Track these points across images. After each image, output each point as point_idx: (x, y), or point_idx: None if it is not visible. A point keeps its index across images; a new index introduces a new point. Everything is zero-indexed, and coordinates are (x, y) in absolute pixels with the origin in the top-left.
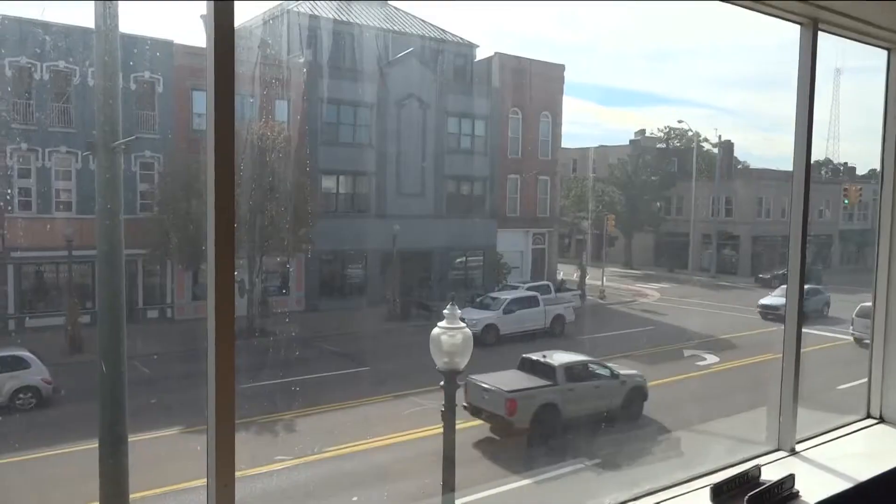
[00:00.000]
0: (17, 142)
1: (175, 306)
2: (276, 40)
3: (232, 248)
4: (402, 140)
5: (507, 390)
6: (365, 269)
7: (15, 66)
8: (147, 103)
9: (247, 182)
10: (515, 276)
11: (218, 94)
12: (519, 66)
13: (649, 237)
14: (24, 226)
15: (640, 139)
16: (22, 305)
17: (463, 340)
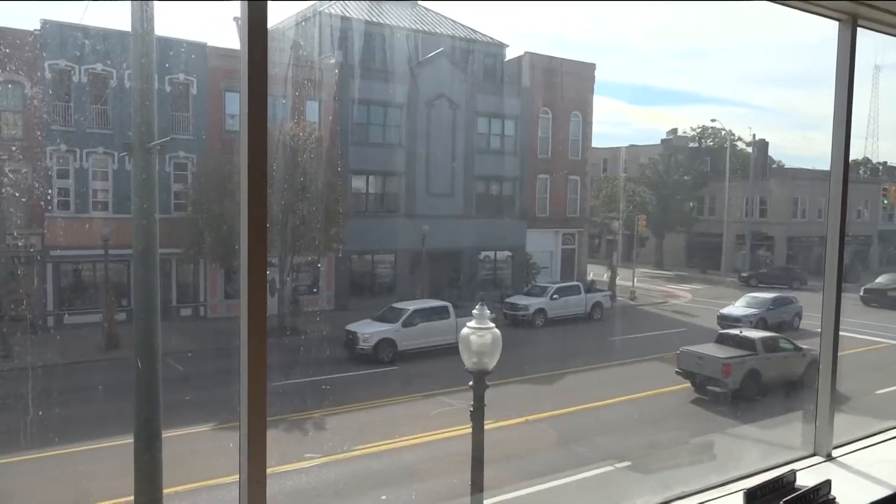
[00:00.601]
0: (57, 143)
1: (208, 305)
2: (308, 41)
3: (264, 248)
4: (431, 140)
5: (723, 357)
6: (394, 268)
7: (55, 68)
8: (181, 105)
9: (279, 182)
10: (545, 276)
11: (251, 94)
12: (549, 66)
13: (681, 238)
14: (62, 225)
15: (671, 138)
16: (61, 303)
17: (492, 340)
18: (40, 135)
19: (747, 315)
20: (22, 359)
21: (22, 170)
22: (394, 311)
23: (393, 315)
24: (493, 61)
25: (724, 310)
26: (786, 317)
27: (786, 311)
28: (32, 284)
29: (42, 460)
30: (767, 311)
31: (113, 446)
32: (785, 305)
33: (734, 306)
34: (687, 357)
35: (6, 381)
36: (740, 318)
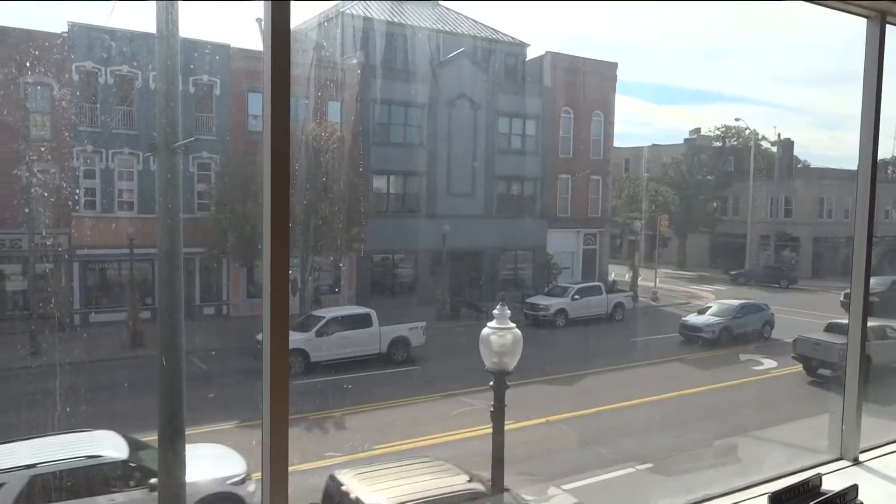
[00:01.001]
0: (84, 144)
1: (230, 304)
2: (330, 42)
3: (287, 248)
4: (452, 140)
5: (838, 343)
6: (415, 268)
7: (82, 70)
8: (205, 105)
9: (301, 182)
10: (566, 276)
11: (274, 94)
12: (571, 65)
13: (704, 238)
14: (88, 225)
15: (695, 138)
16: (87, 301)
17: (513, 341)
18: (68, 135)
19: (709, 325)
20: (50, 356)
21: (50, 170)
22: (312, 319)
23: (310, 323)
24: (515, 61)
25: (687, 318)
26: (752, 326)
27: (753, 320)
28: (60, 283)
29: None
30: (732, 319)
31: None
32: (753, 313)
33: (696, 315)
34: (803, 343)
35: (35, 378)
36: (701, 328)
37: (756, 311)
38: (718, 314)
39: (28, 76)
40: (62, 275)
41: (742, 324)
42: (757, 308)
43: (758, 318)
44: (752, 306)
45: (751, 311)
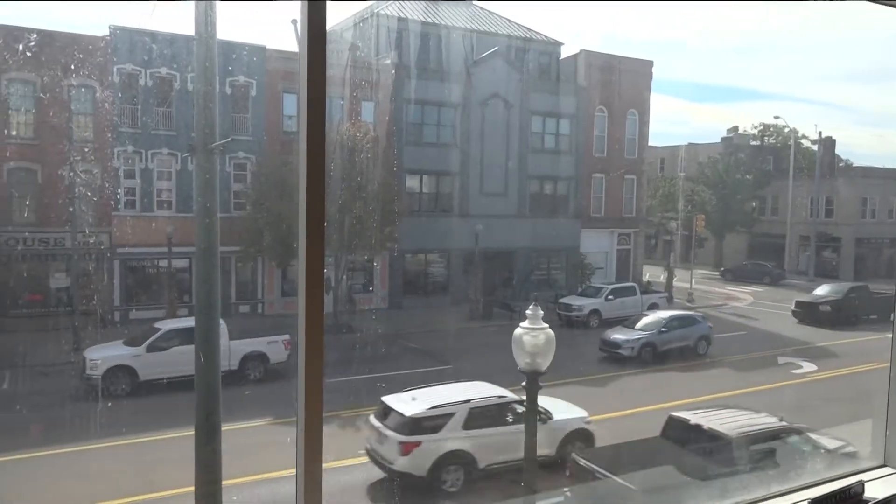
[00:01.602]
0: (125, 144)
1: (265, 302)
2: (365, 42)
3: (322, 247)
4: (485, 139)
5: None
6: (447, 268)
7: (123, 72)
8: (241, 106)
9: (336, 182)
10: (599, 276)
11: (310, 95)
12: (605, 64)
13: (741, 238)
14: (128, 223)
15: (732, 136)
16: (127, 298)
17: (545, 341)
18: (110, 136)
19: (629, 340)
20: None
21: (93, 170)
22: (149, 331)
23: (143, 336)
24: (548, 60)
25: (608, 332)
26: (683, 342)
27: (684, 335)
28: (102, 281)
29: (111, 449)
30: (658, 334)
31: (175, 438)
32: (685, 328)
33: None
34: None
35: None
36: (620, 345)
37: (689, 325)
38: (645, 328)
39: (73, 79)
40: (104, 272)
41: (669, 339)
42: (690, 321)
43: (691, 333)
44: (683, 319)
45: (683, 324)
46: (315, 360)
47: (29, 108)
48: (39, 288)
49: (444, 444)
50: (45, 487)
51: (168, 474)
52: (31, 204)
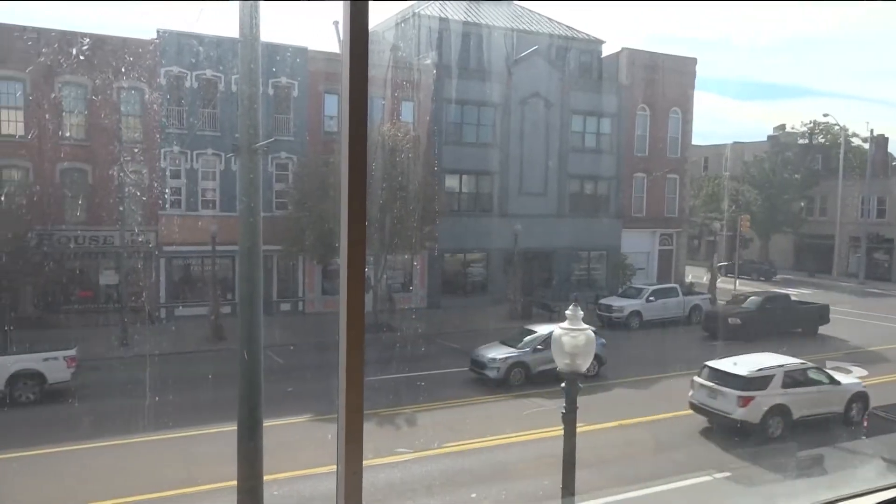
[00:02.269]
0: (172, 145)
1: (306, 300)
2: (406, 42)
3: (363, 246)
4: (525, 139)
5: None
6: (486, 267)
7: (170, 75)
8: (283, 107)
9: (377, 182)
10: (641, 277)
11: (352, 95)
12: (647, 61)
13: (788, 239)
14: (174, 223)
15: (779, 135)
16: (172, 296)
17: (585, 342)
18: (158, 137)
19: (495, 360)
20: (140, 347)
21: (141, 170)
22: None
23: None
24: (590, 58)
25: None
26: None
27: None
28: (150, 278)
29: (157, 443)
30: (532, 353)
31: (218, 433)
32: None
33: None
34: None
35: (127, 368)
36: (486, 364)
37: None
38: (523, 346)
39: (123, 81)
40: (151, 270)
41: (546, 358)
42: None
43: None
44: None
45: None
46: (356, 359)
47: (81, 111)
48: (90, 285)
49: (770, 399)
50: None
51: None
52: (82, 203)
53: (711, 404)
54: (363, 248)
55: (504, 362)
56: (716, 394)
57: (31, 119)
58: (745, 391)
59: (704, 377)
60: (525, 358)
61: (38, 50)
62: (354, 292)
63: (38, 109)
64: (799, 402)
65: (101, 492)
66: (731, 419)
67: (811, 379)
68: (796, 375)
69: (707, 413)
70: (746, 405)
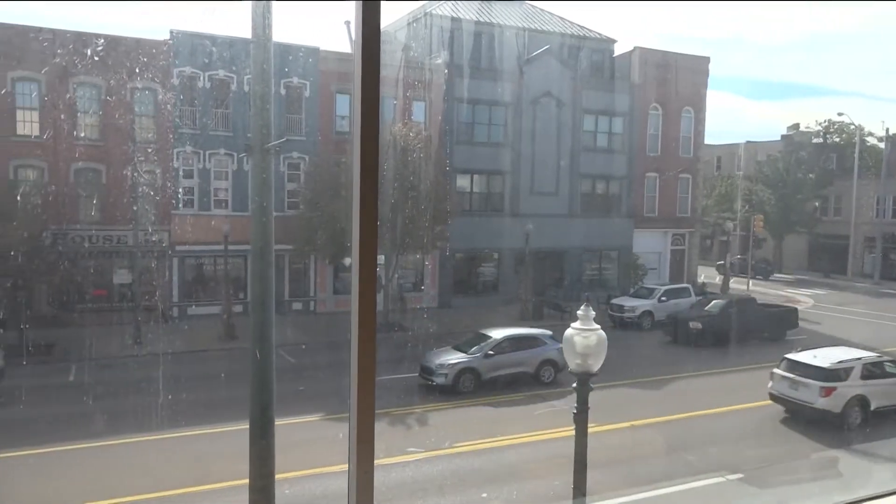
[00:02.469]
0: (184, 145)
1: (317, 300)
2: (417, 42)
3: (375, 246)
4: (537, 138)
5: None
6: (497, 267)
7: (182, 75)
8: (295, 107)
9: (388, 181)
10: (652, 277)
11: (364, 95)
12: (660, 60)
13: (802, 239)
14: (187, 222)
15: (793, 134)
16: (185, 295)
17: (597, 342)
18: (171, 137)
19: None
20: (154, 346)
21: (155, 170)
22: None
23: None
24: (601, 57)
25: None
26: (518, 367)
27: (520, 360)
28: (163, 277)
29: (169, 440)
30: (483, 358)
31: (229, 431)
32: (522, 350)
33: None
34: None
35: (141, 366)
36: (433, 371)
37: (529, 347)
38: (476, 350)
39: (137, 82)
40: (165, 269)
41: (497, 364)
42: (530, 342)
43: (530, 357)
44: (521, 339)
45: (519, 346)
46: (367, 358)
47: (95, 111)
48: (104, 284)
49: (850, 390)
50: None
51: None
52: (96, 203)
53: (793, 395)
54: (375, 247)
55: (452, 368)
56: (797, 385)
57: (47, 119)
58: (827, 382)
59: (784, 369)
60: (475, 364)
61: (53, 51)
62: (366, 292)
63: (53, 110)
64: (876, 392)
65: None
66: (812, 409)
67: (887, 372)
68: (874, 368)
69: (787, 403)
70: (829, 395)
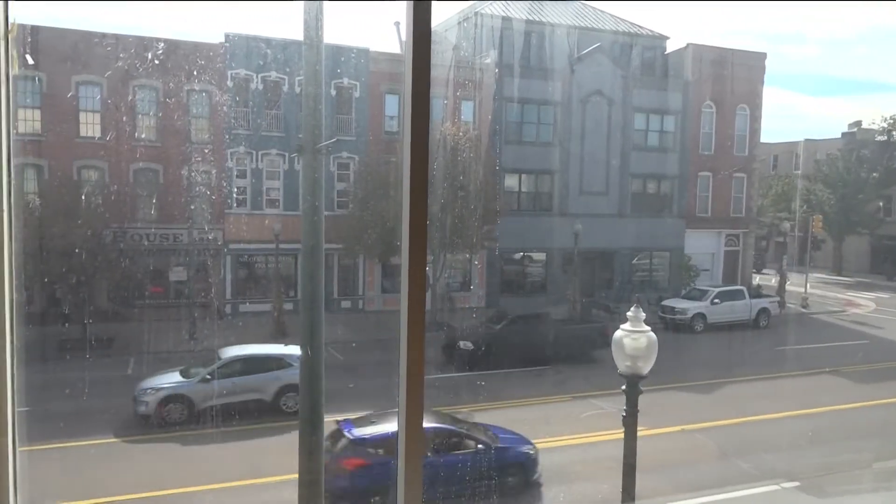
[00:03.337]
0: (238, 146)
1: (365, 298)
2: (468, 42)
3: (424, 245)
4: (586, 137)
5: None
6: (545, 267)
7: (236, 77)
8: (345, 107)
9: (438, 181)
10: (705, 279)
11: (415, 95)
12: (714, 57)
13: (864, 241)
14: (240, 221)
15: (855, 131)
16: (237, 292)
17: (647, 344)
18: (228, 138)
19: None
20: (209, 341)
21: (211, 171)
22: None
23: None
24: (653, 55)
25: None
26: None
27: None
28: (217, 275)
29: (225, 434)
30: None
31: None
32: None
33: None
34: None
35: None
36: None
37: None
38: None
39: (194, 84)
40: (219, 267)
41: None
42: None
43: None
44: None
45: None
46: (416, 356)
47: (154, 113)
48: (161, 281)
49: None
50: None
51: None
52: (154, 202)
53: None
54: (424, 247)
55: (155, 395)
56: None
57: (108, 121)
58: None
59: None
60: (186, 390)
61: (116, 55)
62: (415, 291)
63: (115, 112)
64: None
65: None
66: None
67: None
68: None
69: None
70: None
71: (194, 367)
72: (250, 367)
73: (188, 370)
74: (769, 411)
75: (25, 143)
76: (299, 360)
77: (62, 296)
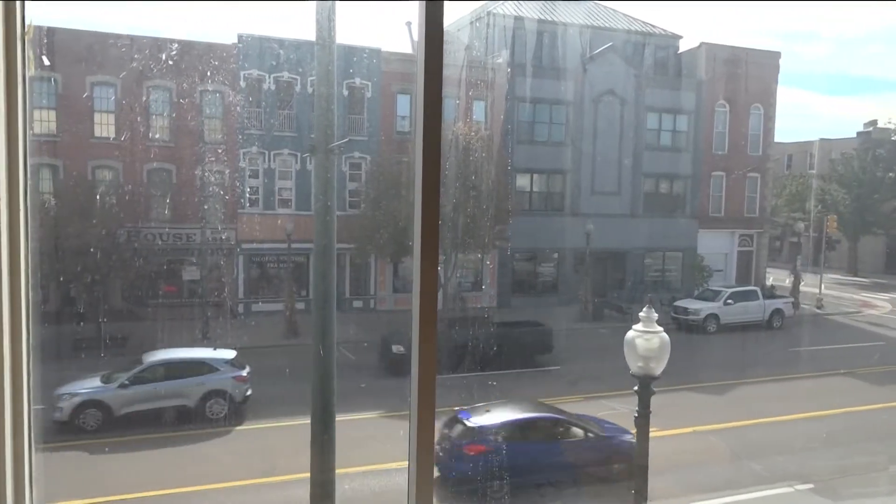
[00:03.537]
0: (250, 146)
1: (377, 298)
2: (480, 41)
3: (436, 245)
4: (598, 137)
5: None
6: (557, 267)
7: (249, 78)
8: (357, 108)
9: (450, 181)
10: (718, 279)
11: (427, 94)
12: (727, 56)
13: (880, 241)
14: (253, 221)
15: (870, 131)
16: (250, 292)
17: (660, 345)
18: (241, 138)
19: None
20: (222, 340)
21: (224, 171)
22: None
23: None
24: (666, 54)
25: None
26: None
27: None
28: (230, 275)
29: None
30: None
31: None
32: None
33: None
34: None
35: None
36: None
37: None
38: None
39: (208, 84)
40: (234, 267)
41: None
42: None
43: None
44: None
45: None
46: (428, 356)
47: (167, 113)
48: (174, 280)
49: None
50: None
51: None
52: (168, 202)
53: None
54: (436, 246)
55: (70, 401)
56: None
57: (123, 122)
58: None
59: None
60: (104, 395)
61: (130, 56)
62: (427, 290)
63: (129, 112)
64: None
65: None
66: None
67: None
68: None
69: None
70: None
71: (116, 373)
72: (173, 372)
73: (110, 375)
74: (783, 413)
75: (41, 144)
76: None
77: (77, 295)
